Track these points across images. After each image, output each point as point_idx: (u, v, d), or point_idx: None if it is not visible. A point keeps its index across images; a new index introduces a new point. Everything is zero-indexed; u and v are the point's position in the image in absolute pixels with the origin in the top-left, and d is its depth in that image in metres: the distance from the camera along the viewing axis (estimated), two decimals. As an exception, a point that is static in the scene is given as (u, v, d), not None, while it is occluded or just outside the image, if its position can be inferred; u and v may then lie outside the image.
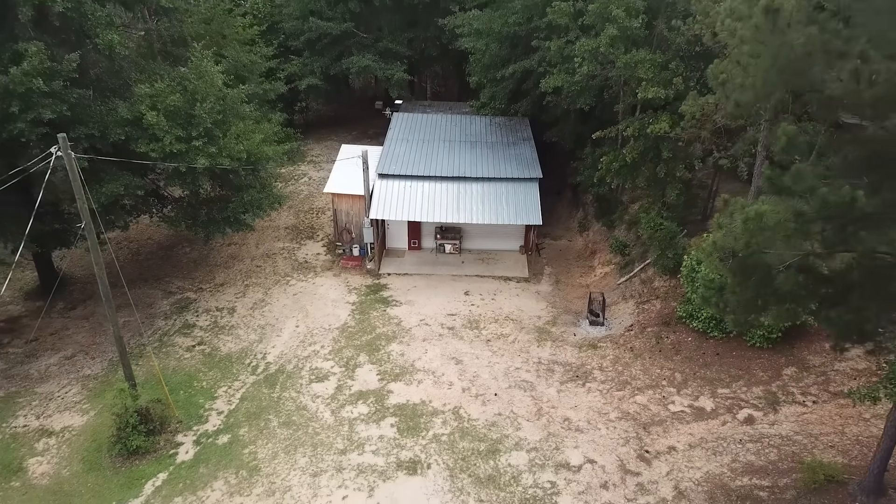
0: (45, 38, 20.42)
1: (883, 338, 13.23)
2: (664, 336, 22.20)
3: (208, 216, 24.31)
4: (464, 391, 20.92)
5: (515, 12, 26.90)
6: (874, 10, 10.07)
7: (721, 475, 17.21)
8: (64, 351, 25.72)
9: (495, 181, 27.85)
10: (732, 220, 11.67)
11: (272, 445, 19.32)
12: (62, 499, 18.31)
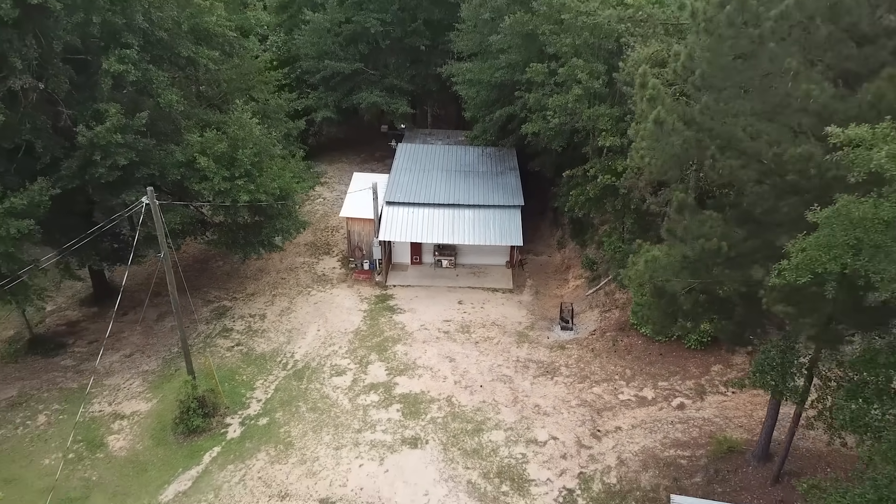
0: (119, 98, 25.31)
1: (755, 343, 18.02)
2: (619, 339, 27.05)
3: (245, 239, 29.22)
4: (455, 383, 25.76)
5: (501, 67, 31.77)
6: (722, 122, 14.80)
7: (654, 448, 22.02)
8: (123, 350, 30.58)
9: (484, 207, 32.73)
10: (637, 261, 16.50)
11: (302, 426, 24.16)
12: (139, 466, 23.16)
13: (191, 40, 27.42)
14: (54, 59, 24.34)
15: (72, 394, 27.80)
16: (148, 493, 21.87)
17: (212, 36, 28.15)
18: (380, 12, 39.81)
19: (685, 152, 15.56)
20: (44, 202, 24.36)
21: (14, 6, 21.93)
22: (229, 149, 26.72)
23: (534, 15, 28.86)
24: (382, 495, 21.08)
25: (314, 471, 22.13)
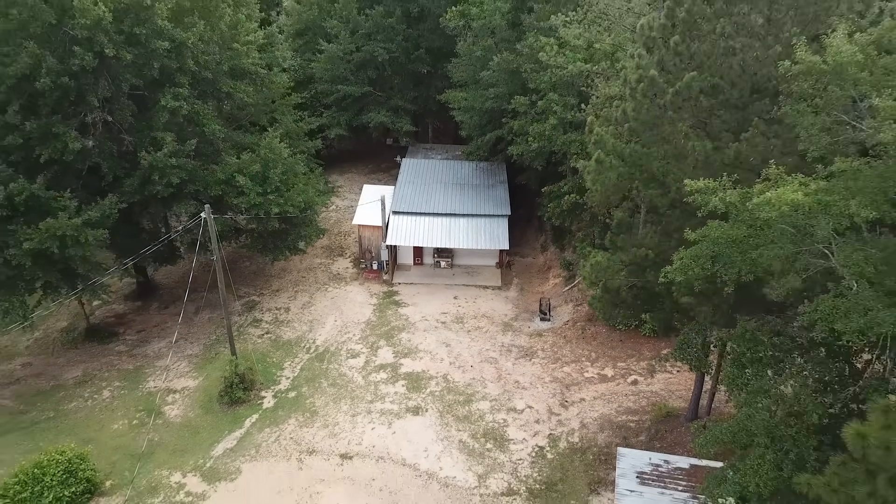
0: (172, 128, 30.39)
1: (680, 328, 23.05)
2: (587, 328, 32.11)
3: (273, 244, 34.35)
4: (450, 364, 30.84)
5: (490, 97, 36.84)
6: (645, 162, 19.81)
7: (609, 414, 27.08)
8: (168, 338, 35.65)
9: (476, 216, 37.80)
10: (586, 264, 21.57)
11: (324, 398, 29.25)
12: (192, 430, 28.25)
13: (229, 77, 32.54)
14: (121, 97, 29.45)
15: (128, 374, 33.01)
16: (202, 450, 26.98)
17: (246, 73, 33.27)
18: (386, 42, 44.88)
19: (620, 183, 20.61)
20: (113, 214, 29.52)
21: (94, 57, 27.04)
22: (262, 169, 31.84)
23: (517, 55, 33.96)
24: (391, 451, 26.17)
25: (335, 433, 27.23)
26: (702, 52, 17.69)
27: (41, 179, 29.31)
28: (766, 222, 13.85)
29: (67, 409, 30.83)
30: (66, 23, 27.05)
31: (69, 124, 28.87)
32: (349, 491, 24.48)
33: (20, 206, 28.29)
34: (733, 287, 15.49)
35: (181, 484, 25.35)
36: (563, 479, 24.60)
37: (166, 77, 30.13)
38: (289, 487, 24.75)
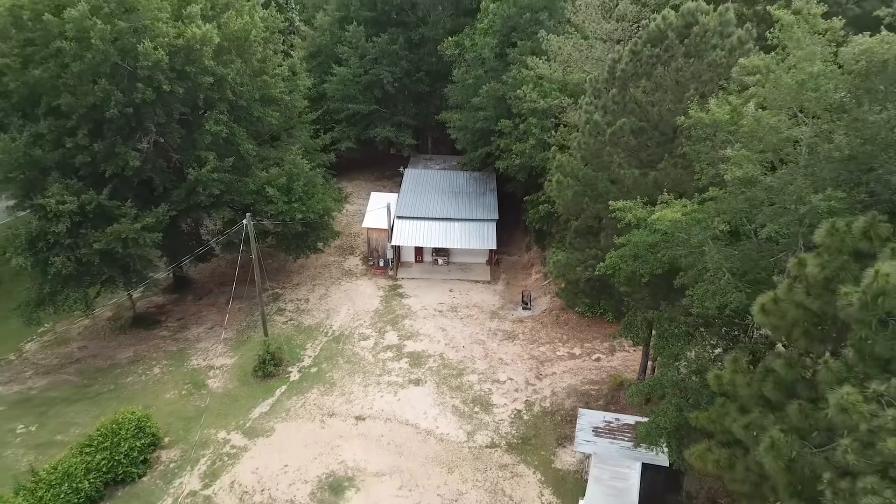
0: (213, 147, 36.05)
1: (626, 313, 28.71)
2: (560, 316, 37.80)
3: (296, 244, 40.03)
4: (446, 345, 36.54)
5: (480, 119, 42.49)
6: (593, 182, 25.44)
7: (575, 385, 32.78)
8: (205, 325, 41.40)
9: (469, 220, 43.50)
10: (549, 261, 27.25)
11: (341, 373, 34.93)
12: (232, 398, 33.93)
13: (259, 104, 38.21)
14: (171, 122, 35.13)
15: (173, 354, 38.72)
16: (241, 413, 32.68)
17: (274, 100, 38.94)
18: (391, 66, 50.51)
19: (576, 198, 26.29)
20: (165, 220, 35.22)
21: (153, 92, 32.71)
22: (287, 181, 37.53)
23: (503, 84, 39.61)
24: (396, 414, 31.88)
25: (350, 399, 32.95)
26: (632, 101, 23.36)
27: (106, 191, 34.95)
28: (665, 232, 19.51)
29: (125, 382, 36.56)
30: (129, 63, 32.70)
31: (128, 145, 34.58)
32: (363, 445, 30.19)
33: (89, 214, 34.04)
34: (648, 278, 21.17)
35: (226, 439, 31.06)
36: (535, 436, 30.32)
37: (209, 105, 35.84)
38: (314, 442, 30.46)
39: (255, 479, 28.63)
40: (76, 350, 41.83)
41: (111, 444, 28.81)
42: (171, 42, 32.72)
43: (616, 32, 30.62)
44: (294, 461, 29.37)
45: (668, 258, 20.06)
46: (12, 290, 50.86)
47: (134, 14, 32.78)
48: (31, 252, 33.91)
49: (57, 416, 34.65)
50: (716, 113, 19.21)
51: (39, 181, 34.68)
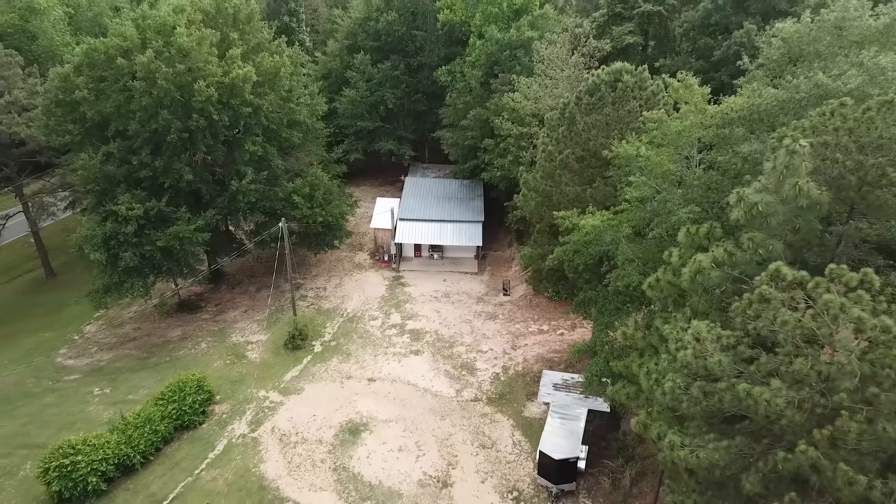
0: (250, 163, 43.79)
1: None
2: (533, 300, 45.68)
3: (316, 242, 47.82)
4: (440, 323, 44.40)
5: (468, 138, 50.28)
6: (550, 194, 33.25)
7: (542, 353, 40.67)
8: (240, 309, 49.20)
9: (459, 222, 51.31)
10: (519, 254, 35.08)
11: (355, 346, 42.76)
12: (267, 366, 41.73)
13: (287, 127, 45.96)
14: (217, 143, 42.86)
15: (216, 332, 46.51)
16: (276, 377, 40.47)
17: (298, 124, 46.69)
18: (393, 88, 58.24)
19: (537, 208, 34.13)
20: (212, 223, 42.99)
21: (205, 120, 40.41)
22: (310, 190, 45.31)
23: (487, 110, 47.39)
24: (400, 377, 39.72)
25: (363, 366, 40.79)
26: (576, 136, 31.21)
27: (164, 199, 42.67)
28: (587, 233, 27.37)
29: (178, 355, 44.38)
30: (186, 97, 40.41)
31: (182, 161, 42.32)
32: (374, 399, 38.05)
33: (152, 218, 41.81)
34: (583, 267, 29.03)
35: (265, 396, 38.90)
36: (509, 392, 38.22)
37: (247, 129, 43.58)
38: (335, 398, 38.32)
39: (290, 425, 36.48)
40: (131, 330, 49.66)
41: (179, 398, 36.61)
42: (219, 80, 40.47)
43: (569, 78, 38.48)
44: (320, 412, 37.23)
45: (596, 252, 27.93)
46: (68, 281, 58.96)
47: (189, 58, 40.48)
48: (105, 248, 41.62)
49: (125, 381, 42.46)
50: (627, 149, 27.07)
51: (110, 191, 42.43)
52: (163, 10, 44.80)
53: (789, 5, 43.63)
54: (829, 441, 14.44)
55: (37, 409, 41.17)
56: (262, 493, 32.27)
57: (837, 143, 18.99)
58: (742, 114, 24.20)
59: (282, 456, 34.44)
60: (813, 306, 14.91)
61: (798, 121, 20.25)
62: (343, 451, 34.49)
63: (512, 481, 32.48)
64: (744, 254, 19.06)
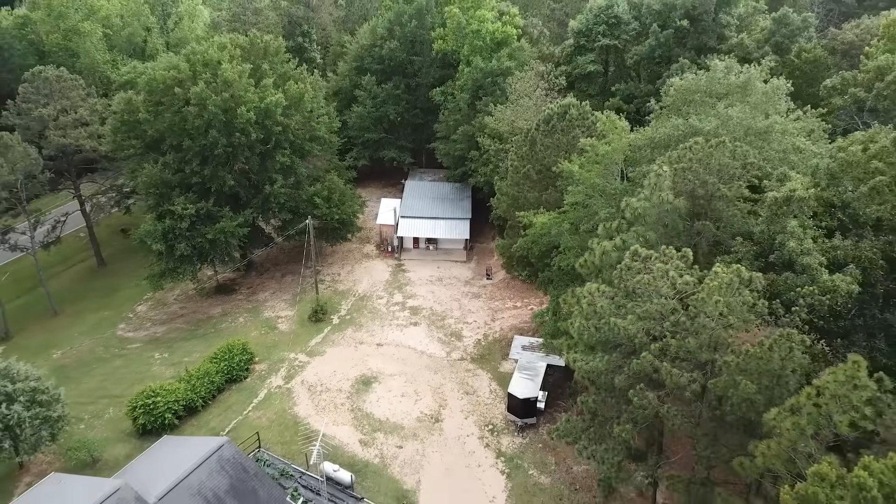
0: (280, 171, 53.36)
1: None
2: (510, 283, 55.41)
3: (332, 236, 57.48)
4: (434, 302, 54.13)
5: (458, 150, 59.84)
6: (517, 196, 42.90)
7: (515, 324, 50.41)
8: (269, 291, 58.90)
9: (451, 219, 60.94)
10: (495, 244, 44.78)
11: (366, 319, 52.48)
12: (295, 334, 51.40)
13: (309, 141, 55.53)
14: (253, 155, 52.43)
15: (250, 310, 56.17)
16: (303, 343, 50.13)
17: (318, 138, 56.28)
18: (395, 105, 67.70)
19: (508, 209, 43.75)
20: (250, 220, 52.60)
21: (245, 137, 49.96)
22: (328, 193, 54.93)
23: (473, 127, 56.94)
24: (402, 342, 49.43)
25: (373, 334, 50.49)
26: (536, 154, 40.84)
27: (211, 201, 52.22)
28: (541, 229, 37.02)
29: (221, 327, 54.05)
30: (230, 119, 49.93)
31: (225, 170, 51.88)
32: (381, 359, 47.72)
33: (202, 216, 51.40)
34: (540, 254, 38.68)
35: (295, 358, 48.58)
36: (488, 353, 47.96)
37: (277, 144, 53.12)
38: (350, 358, 48.00)
39: (316, 378, 46.18)
40: (178, 309, 59.38)
41: (228, 357, 46.26)
42: (256, 105, 50.02)
43: (535, 106, 48.13)
44: (339, 369, 46.92)
45: (547, 242, 37.62)
46: (117, 270, 68.65)
47: (231, 87, 49.99)
48: (164, 240, 51.23)
49: (179, 348, 52.15)
50: (569, 167, 36.72)
51: (167, 194, 52.01)
52: (203, 41, 54.15)
53: (717, 42, 53.25)
54: (660, 351, 24.14)
55: (109, 370, 50.91)
56: (297, 426, 41.97)
57: (691, 168, 28.66)
58: (646, 142, 33.90)
59: (310, 401, 44.17)
60: (652, 271, 24.58)
61: (669, 151, 29.88)
62: (358, 397, 44.23)
63: (488, 418, 42.23)
64: (632, 241, 28.74)
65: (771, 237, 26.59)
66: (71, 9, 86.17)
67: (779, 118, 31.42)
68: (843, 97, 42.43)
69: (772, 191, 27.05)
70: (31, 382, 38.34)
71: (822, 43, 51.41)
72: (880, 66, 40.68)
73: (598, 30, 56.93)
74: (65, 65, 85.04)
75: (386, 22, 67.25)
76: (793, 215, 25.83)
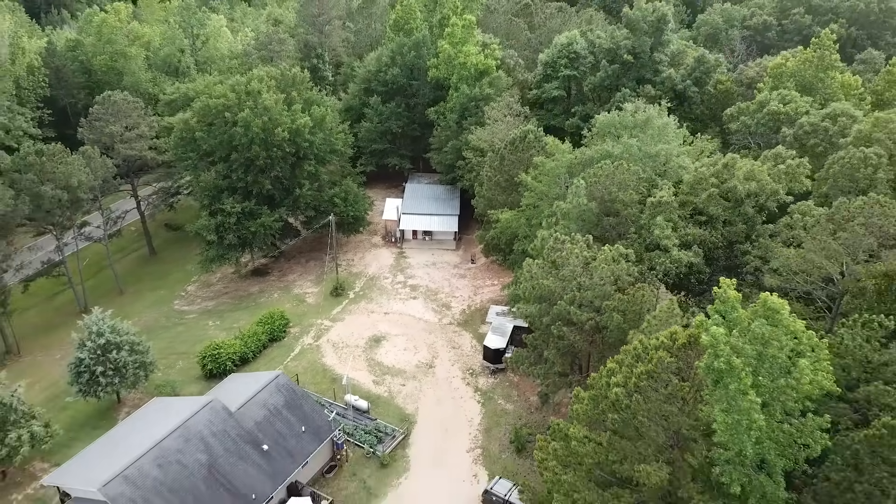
0: (308, 177, 66.65)
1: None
2: (490, 266, 68.74)
3: (347, 229, 70.84)
4: (429, 281, 67.51)
5: (448, 159, 73.05)
6: (498, 194, 56.18)
7: (493, 297, 63.80)
8: (296, 273, 72.33)
9: (443, 215, 74.25)
10: (475, 235, 58.19)
11: (375, 294, 65.85)
12: (320, 306, 64.77)
13: (329, 153, 68.74)
14: (286, 164, 65.68)
15: (282, 288, 69.58)
16: (326, 312, 63.46)
17: (336, 150, 69.54)
18: (397, 120, 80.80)
19: (484, 207, 57.04)
20: (283, 216, 65.94)
21: (280, 151, 63.19)
22: (345, 195, 68.25)
23: (460, 142, 70.14)
24: (404, 311, 62.79)
25: (381, 305, 63.85)
26: (504, 167, 54.13)
27: (253, 201, 65.44)
28: (506, 224, 50.31)
29: (260, 301, 67.41)
30: (268, 137, 63.14)
31: (264, 177, 65.15)
32: (388, 324, 61.08)
33: (245, 213, 64.72)
34: (506, 241, 52.00)
35: (321, 323, 61.97)
36: (471, 319, 61.38)
37: (305, 156, 66.34)
38: (364, 323, 61.37)
39: (338, 338, 59.58)
40: (222, 288, 72.78)
41: (270, 322, 59.63)
42: (289, 127, 63.23)
43: (505, 128, 61.42)
44: (356, 331, 60.30)
45: (510, 233, 50.94)
46: (165, 258, 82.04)
47: (269, 111, 63.13)
48: (216, 232, 64.51)
49: (228, 317, 65.51)
50: (525, 177, 50.03)
51: (217, 196, 65.25)
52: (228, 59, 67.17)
53: (653, 75, 66.47)
54: (570, 300, 37.50)
55: (174, 334, 64.29)
56: (325, 372, 55.37)
57: (600, 181, 41.98)
58: (576, 161, 47.25)
59: (334, 354, 57.59)
60: (566, 250, 37.90)
61: (587, 169, 43.16)
62: (370, 350, 57.64)
63: (469, 365, 55.65)
64: (561, 232, 42.13)
65: (648, 228, 39.94)
66: (118, 35, 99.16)
67: (665, 146, 44.69)
68: (736, 122, 55.73)
69: (650, 197, 40.40)
70: (131, 336, 51.66)
71: (733, 77, 64.72)
72: (761, 100, 53.99)
73: (561, 62, 70.13)
74: (111, 82, 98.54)
75: (389, 52, 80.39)
76: (660, 213, 39.16)
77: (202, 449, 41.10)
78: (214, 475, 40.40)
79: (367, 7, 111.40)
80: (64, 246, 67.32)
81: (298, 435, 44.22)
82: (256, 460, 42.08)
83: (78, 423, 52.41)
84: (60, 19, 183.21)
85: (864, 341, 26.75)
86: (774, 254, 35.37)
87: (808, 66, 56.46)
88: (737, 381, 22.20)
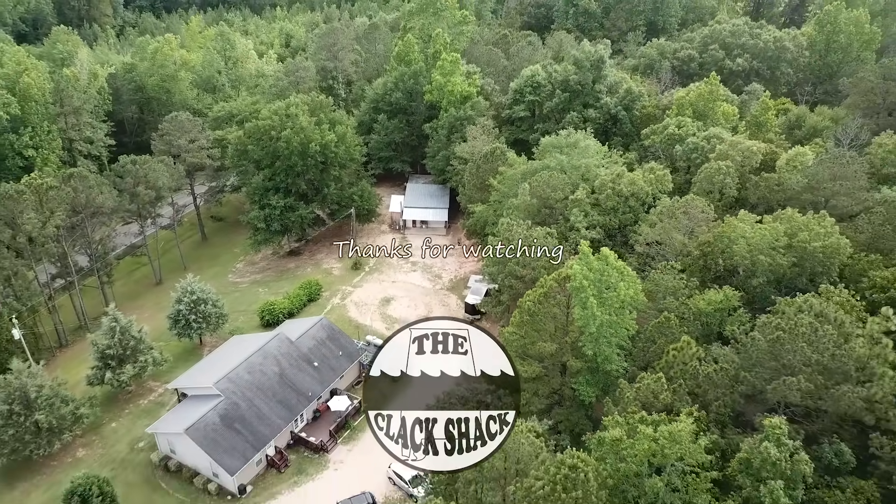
0: (334, 180, 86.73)
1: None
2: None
3: (363, 219, 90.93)
4: (424, 261, 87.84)
5: (440, 164, 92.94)
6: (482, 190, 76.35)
7: (473, 270, 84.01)
8: (323, 253, 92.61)
9: (436, 208, 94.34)
10: (460, 222, 78.41)
11: (385, 268, 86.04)
12: (343, 276, 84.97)
13: (349, 160, 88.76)
14: (316, 170, 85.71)
15: (314, 264, 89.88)
16: (349, 281, 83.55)
17: (354, 159, 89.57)
18: (400, 133, 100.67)
19: (465, 202, 77.19)
20: (315, 209, 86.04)
21: (314, 160, 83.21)
22: (361, 193, 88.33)
23: (449, 152, 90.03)
24: (407, 280, 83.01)
25: (389, 276, 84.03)
26: (480, 172, 74.27)
27: (292, 198, 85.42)
28: (480, 212, 70.46)
29: (297, 274, 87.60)
30: (305, 149, 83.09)
31: (300, 179, 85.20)
32: (395, 289, 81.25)
33: (286, 207, 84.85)
34: (481, 226, 72.19)
35: (345, 288, 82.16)
36: (457, 286, 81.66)
37: (331, 163, 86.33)
38: (378, 289, 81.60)
39: (359, 298, 79.85)
40: (265, 265, 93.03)
41: (308, 287, 79.81)
42: (319, 141, 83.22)
43: (481, 144, 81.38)
44: (371, 293, 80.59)
45: (483, 222, 71.12)
46: (216, 243, 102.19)
47: (304, 130, 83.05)
48: (265, 222, 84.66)
49: (274, 285, 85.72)
50: (493, 181, 70.20)
51: (265, 195, 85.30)
52: (257, 77, 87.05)
53: (594, 101, 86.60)
54: (516, 262, 57.77)
55: (233, 299, 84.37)
56: (350, 321, 75.60)
57: (540, 185, 62.13)
58: (527, 170, 67.49)
59: (356, 310, 77.87)
60: (512, 230, 58.07)
61: (533, 176, 63.35)
62: (383, 308, 77.92)
63: (455, 317, 76.01)
64: (514, 220, 62.43)
65: (567, 217, 60.09)
66: (169, 60, 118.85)
67: (587, 160, 64.65)
68: (649, 140, 75.97)
69: (572, 195, 60.61)
70: (212, 295, 71.76)
71: (654, 102, 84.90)
72: (664, 124, 74.29)
73: (527, 90, 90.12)
74: (160, 99, 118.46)
75: (393, 79, 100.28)
76: (576, 206, 59.31)
77: (275, 363, 61.31)
78: (284, 380, 60.63)
79: (372, 32, 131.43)
80: (145, 232, 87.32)
81: (337, 357, 64.49)
82: (310, 372, 62.31)
83: (174, 356, 72.59)
84: (93, 34, 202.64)
85: (664, 276, 47.30)
86: (642, 231, 55.76)
87: (701, 98, 76.70)
88: (586, 293, 42.43)
